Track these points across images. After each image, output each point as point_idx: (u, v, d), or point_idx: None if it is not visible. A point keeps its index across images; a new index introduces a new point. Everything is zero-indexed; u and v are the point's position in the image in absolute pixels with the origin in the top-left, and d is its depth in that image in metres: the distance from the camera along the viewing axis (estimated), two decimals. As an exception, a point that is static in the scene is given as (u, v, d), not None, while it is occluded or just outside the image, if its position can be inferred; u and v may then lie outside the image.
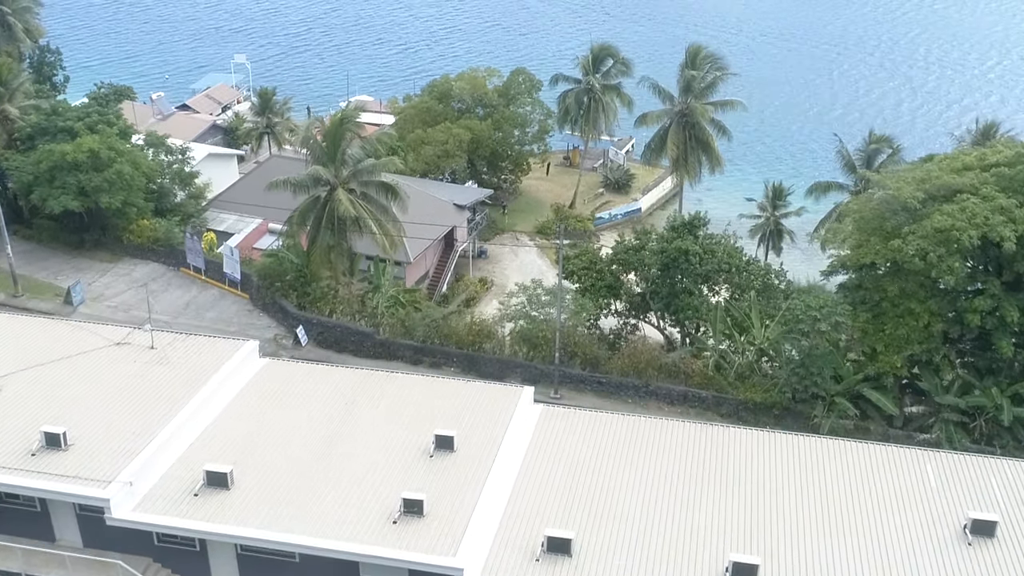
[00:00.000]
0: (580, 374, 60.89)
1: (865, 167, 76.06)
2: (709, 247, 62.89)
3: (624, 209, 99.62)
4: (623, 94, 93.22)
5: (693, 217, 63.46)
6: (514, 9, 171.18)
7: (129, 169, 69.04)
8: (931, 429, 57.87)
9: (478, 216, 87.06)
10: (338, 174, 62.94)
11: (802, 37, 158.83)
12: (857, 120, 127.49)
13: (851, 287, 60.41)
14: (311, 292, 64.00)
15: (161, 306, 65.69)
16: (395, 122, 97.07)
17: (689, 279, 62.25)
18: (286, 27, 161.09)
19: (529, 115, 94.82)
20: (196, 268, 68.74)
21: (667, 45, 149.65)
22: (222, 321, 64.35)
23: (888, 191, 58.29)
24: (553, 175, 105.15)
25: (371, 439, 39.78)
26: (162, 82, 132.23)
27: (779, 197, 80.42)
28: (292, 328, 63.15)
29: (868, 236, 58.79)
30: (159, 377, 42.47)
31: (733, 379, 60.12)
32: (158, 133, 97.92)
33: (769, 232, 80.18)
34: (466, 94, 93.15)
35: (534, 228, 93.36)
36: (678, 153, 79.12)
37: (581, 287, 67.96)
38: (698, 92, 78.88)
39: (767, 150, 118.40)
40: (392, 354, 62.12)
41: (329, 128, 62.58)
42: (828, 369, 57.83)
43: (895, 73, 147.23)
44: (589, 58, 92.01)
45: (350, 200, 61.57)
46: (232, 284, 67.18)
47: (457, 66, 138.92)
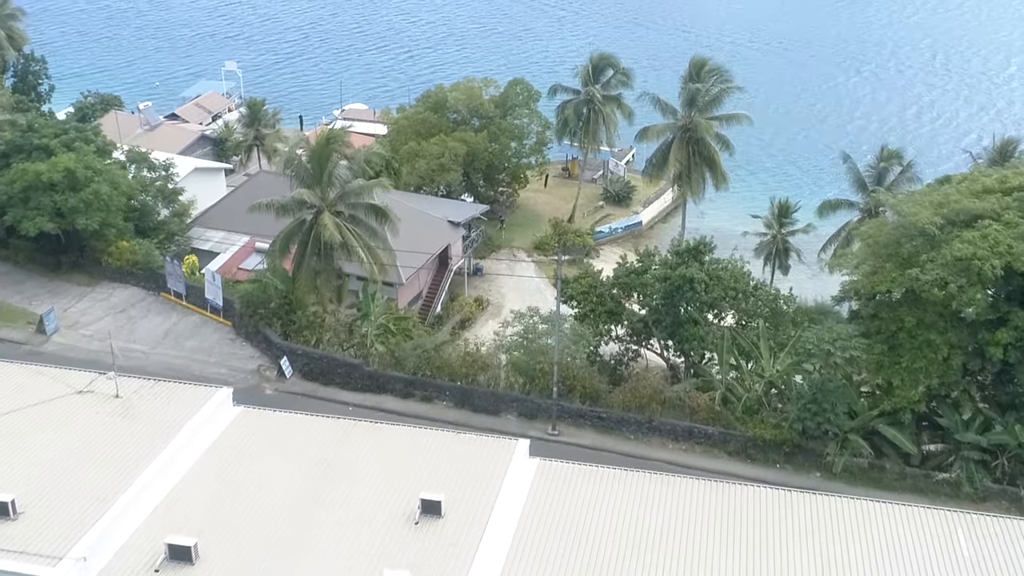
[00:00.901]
0: (579, 408, 57.22)
1: (876, 184, 72.35)
2: (715, 273, 59.19)
3: (624, 223, 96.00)
4: (624, 105, 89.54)
5: (698, 242, 59.75)
6: (516, 14, 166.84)
7: (107, 189, 65.27)
8: (950, 468, 54.30)
9: (474, 233, 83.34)
10: (324, 196, 59.28)
11: (809, 43, 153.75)
12: (867, 131, 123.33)
13: (865, 316, 56.79)
14: (296, 320, 60.31)
15: (140, 334, 62.06)
16: (388, 133, 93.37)
17: (694, 307, 58.60)
18: (283, 33, 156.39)
19: (527, 126, 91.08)
20: (177, 293, 65.06)
21: (670, 52, 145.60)
22: (202, 351, 60.67)
23: (904, 215, 54.76)
24: (552, 187, 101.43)
25: (352, 503, 36.07)
26: (152, 89, 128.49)
27: (785, 214, 76.74)
28: (276, 359, 59.48)
29: (883, 262, 55.14)
30: (123, 431, 38.77)
31: (741, 414, 56.45)
32: (144, 145, 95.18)
33: (775, 250, 76.48)
34: (461, 105, 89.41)
35: (532, 244, 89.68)
36: (681, 169, 75.36)
37: (580, 312, 64.43)
38: (702, 106, 75.11)
39: (773, 163, 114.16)
40: (381, 387, 58.46)
41: (315, 148, 58.88)
42: (841, 404, 54.21)
43: (906, 80, 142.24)
44: (589, 68, 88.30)
45: (336, 224, 57.90)
46: (214, 311, 63.50)
47: (457, 72, 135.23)
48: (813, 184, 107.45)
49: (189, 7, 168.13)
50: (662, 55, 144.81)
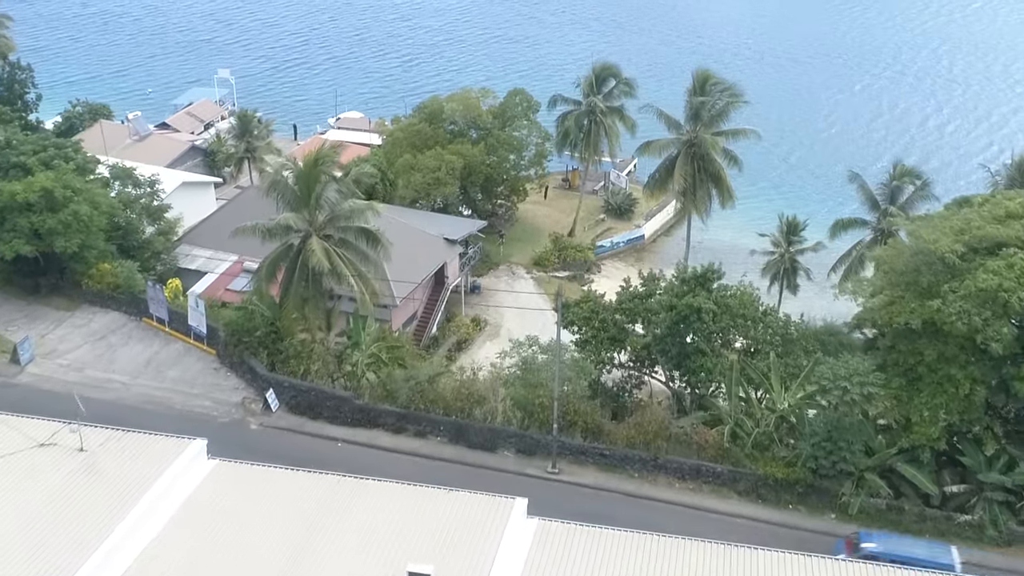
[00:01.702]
0: (581, 445, 53.86)
1: (889, 203, 69.02)
2: (723, 301, 55.84)
3: (626, 236, 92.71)
4: (626, 116, 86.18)
5: (706, 270, 56.32)
6: (517, 21, 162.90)
7: (87, 209, 61.89)
8: (973, 509, 51.02)
9: (471, 250, 79.95)
10: (312, 220, 55.90)
11: (818, 49, 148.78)
12: (879, 141, 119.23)
13: (882, 348, 53.47)
14: (283, 350, 56.95)
15: (120, 363, 58.72)
16: (384, 144, 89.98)
17: (701, 337, 55.24)
18: (283, 38, 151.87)
19: (526, 138, 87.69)
20: (159, 319, 61.72)
21: (674, 60, 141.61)
22: (184, 382, 57.32)
23: (922, 241, 51.41)
24: (552, 199, 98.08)
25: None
26: (144, 97, 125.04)
27: (794, 232, 73.37)
28: (262, 390, 56.14)
29: (901, 292, 51.86)
30: (87, 491, 35.38)
31: (751, 450, 53.10)
32: (132, 156, 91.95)
33: (784, 270, 73.14)
34: (458, 116, 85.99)
35: (531, 260, 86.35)
36: (686, 186, 71.90)
37: (582, 338, 61.18)
38: (707, 120, 71.63)
39: (778, 173, 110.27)
40: (372, 421, 55.13)
41: (302, 169, 55.47)
42: (858, 442, 50.92)
43: (920, 87, 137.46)
44: (590, 78, 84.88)
45: (325, 249, 54.53)
46: (198, 338, 60.16)
47: (457, 79, 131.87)
48: (822, 196, 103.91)
49: (186, 12, 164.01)
50: (665, 63, 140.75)
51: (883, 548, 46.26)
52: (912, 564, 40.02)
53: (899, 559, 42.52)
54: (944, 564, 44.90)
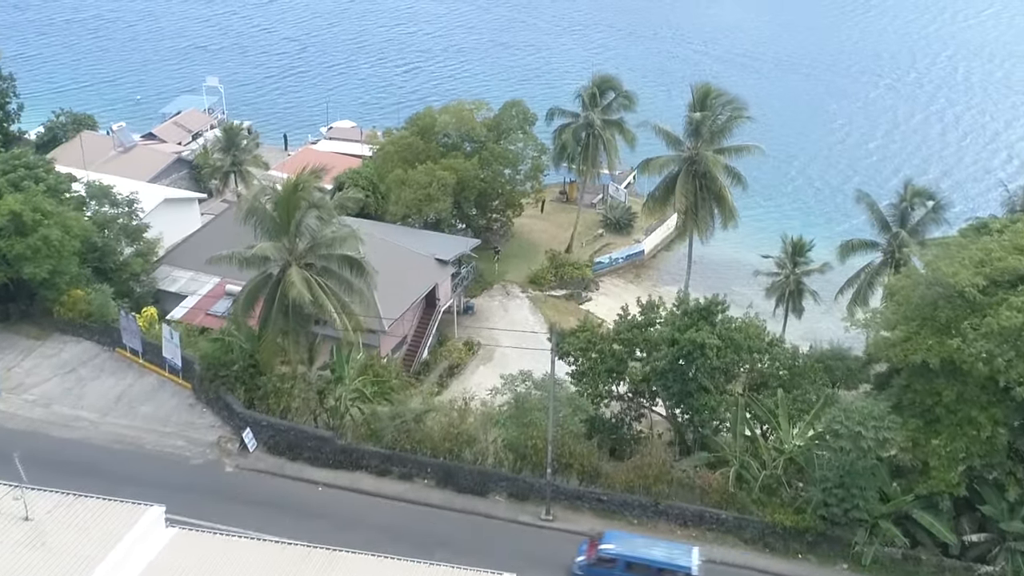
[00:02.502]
0: (577, 489, 50.18)
1: (900, 225, 65.38)
2: (728, 335, 52.18)
3: (626, 252, 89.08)
4: (626, 130, 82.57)
5: (709, 302, 52.61)
6: (517, 27, 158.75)
7: (58, 234, 58.20)
8: (995, 560, 47.40)
9: (464, 269, 76.31)
10: (292, 248, 52.20)
11: (822, 56, 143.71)
12: (887, 151, 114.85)
13: (897, 387, 49.82)
14: (262, 386, 53.27)
15: (89, 398, 55.05)
16: (374, 157, 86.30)
17: (704, 374, 51.57)
18: (279, 44, 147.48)
19: (522, 151, 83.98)
20: (133, 350, 58.06)
21: (675, 68, 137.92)
22: (157, 419, 53.65)
23: (939, 272, 47.80)
24: (549, 212, 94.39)
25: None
26: (133, 106, 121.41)
27: (799, 252, 69.65)
28: (239, 429, 52.48)
29: (917, 327, 48.25)
30: (32, 568, 31.74)
31: (758, 494, 49.47)
32: (116, 169, 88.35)
33: (788, 292, 69.48)
34: (451, 128, 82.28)
35: (527, 278, 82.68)
36: (687, 205, 68.13)
37: (578, 369, 57.60)
38: (709, 137, 67.84)
39: (781, 183, 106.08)
40: (355, 462, 51.43)
41: (281, 196, 51.72)
42: (871, 488, 47.33)
43: (927, 95, 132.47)
44: (589, 90, 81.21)
45: (306, 280, 50.78)
46: (172, 371, 56.50)
47: (454, 87, 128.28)
48: (830, 211, 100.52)
49: (181, 17, 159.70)
50: (668, 70, 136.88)
51: (620, 550, 44.70)
52: (650, 566, 42.52)
53: (636, 561, 43.51)
54: (681, 566, 44.00)
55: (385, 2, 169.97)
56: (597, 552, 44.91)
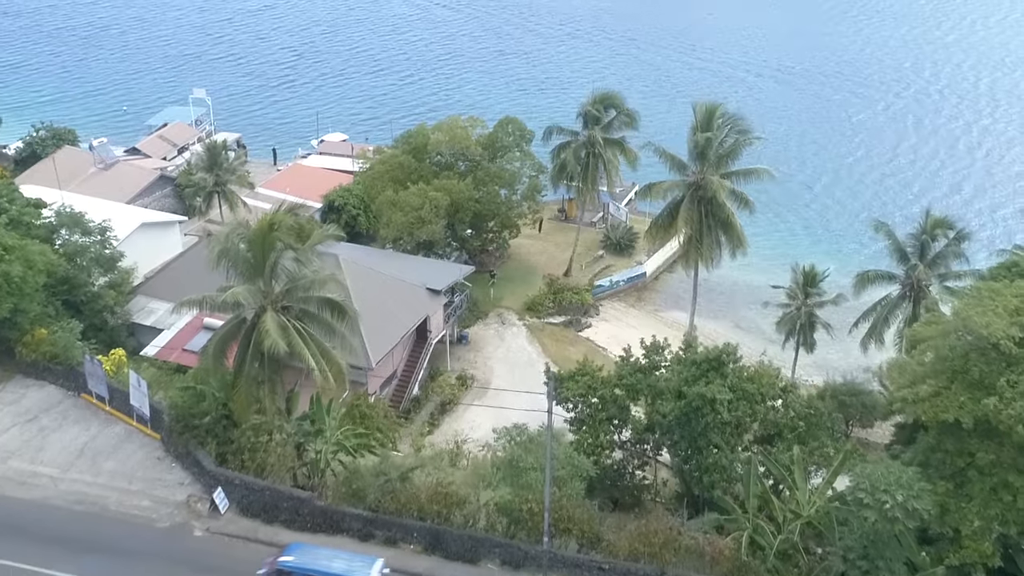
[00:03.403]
0: (575, 557, 45.44)
1: (919, 256, 60.84)
2: (739, 386, 47.63)
3: (627, 274, 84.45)
4: (627, 149, 77.93)
5: (720, 351, 47.94)
6: (518, 35, 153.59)
7: (20, 270, 53.55)
8: (1032, 637, 42.98)
9: (457, 298, 71.72)
10: (268, 291, 47.59)
11: (838, 68, 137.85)
12: (905, 169, 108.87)
13: (924, 446, 45.27)
14: (235, 440, 48.64)
15: (50, 451, 50.36)
16: (363, 179, 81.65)
17: (715, 430, 47.02)
18: (274, 54, 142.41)
19: (518, 170, 79.33)
20: (100, 396, 53.47)
21: (681, 78, 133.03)
22: (123, 475, 49.00)
23: (970, 321, 43.25)
24: (547, 231, 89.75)
25: None
26: (120, 116, 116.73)
27: (811, 283, 65.07)
28: (210, 487, 47.88)
29: (947, 382, 43.70)
30: None
31: (772, 562, 44.89)
32: (96, 187, 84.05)
33: (800, 325, 64.94)
34: (444, 148, 77.62)
35: (524, 304, 78.08)
36: (692, 233, 63.49)
37: (577, 416, 53.16)
38: (715, 160, 63.12)
39: (795, 207, 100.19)
40: (336, 525, 46.74)
41: (255, 235, 47.06)
42: (898, 560, 42.78)
43: (949, 107, 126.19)
44: (590, 108, 76.58)
45: (282, 326, 46.17)
46: (141, 420, 51.90)
47: (453, 98, 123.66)
48: (842, 230, 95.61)
49: (174, 25, 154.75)
50: (674, 81, 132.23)
51: (299, 562, 41.40)
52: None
53: (313, 573, 40.97)
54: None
55: (384, 9, 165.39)
56: (276, 565, 41.46)
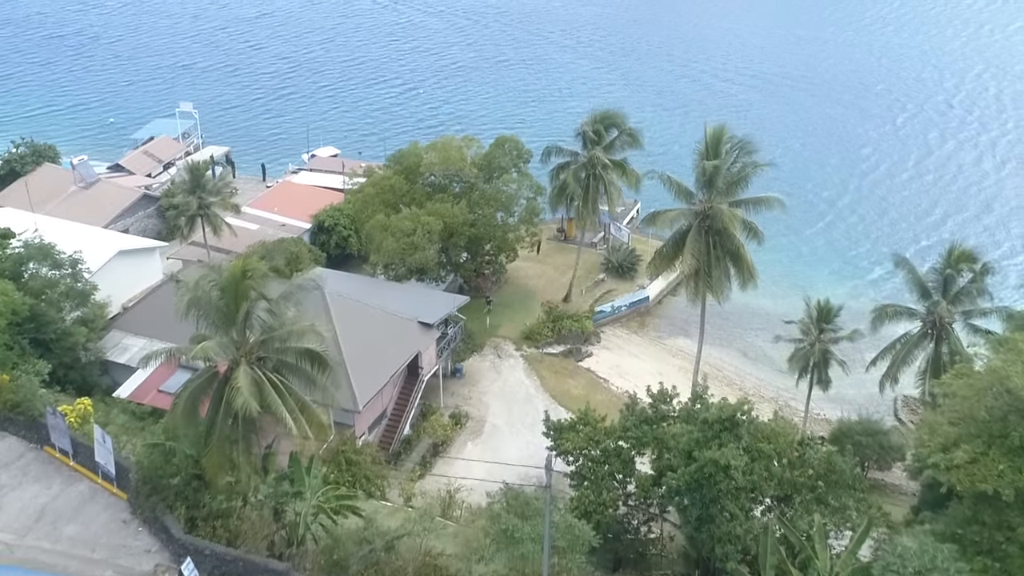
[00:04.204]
0: (576, 636, 41.31)
1: (942, 294, 56.44)
2: (755, 446, 43.26)
3: (629, 299, 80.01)
4: (630, 171, 73.41)
5: (735, 408, 43.42)
6: (519, 44, 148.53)
7: (-23, 311, 49.36)
8: None
9: (451, 330, 67.28)
10: (241, 343, 43.19)
11: (845, 79, 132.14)
12: (926, 188, 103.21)
13: (959, 517, 40.94)
14: (206, 504, 44.21)
15: (7, 513, 45.75)
16: (353, 199, 77.19)
17: (728, 497, 42.60)
18: (271, 63, 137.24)
19: (515, 192, 74.83)
20: (63, 450, 49.01)
21: (689, 90, 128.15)
22: (85, 543, 44.47)
23: (1008, 380, 38.97)
24: (546, 253, 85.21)
25: None
26: (106, 128, 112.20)
27: (826, 319, 60.63)
28: (179, 556, 43.43)
29: (985, 447, 39.45)
30: None
31: (792, 642, 40.64)
32: (76, 207, 79.85)
33: (814, 363, 60.53)
34: (437, 169, 73.14)
35: (521, 333, 73.65)
36: (699, 265, 58.97)
37: (577, 470, 48.86)
38: (723, 188, 58.54)
39: (810, 227, 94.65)
40: (315, 600, 42.53)
41: (227, 283, 42.59)
42: (930, 644, 38.42)
43: (958, 118, 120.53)
44: (590, 128, 72.10)
45: (255, 383, 41.74)
46: (106, 478, 47.44)
47: (449, 110, 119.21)
48: (853, 249, 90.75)
49: (168, 34, 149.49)
50: (679, 94, 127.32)
51: None
52: None
53: None
54: None
55: (382, 16, 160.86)
56: None
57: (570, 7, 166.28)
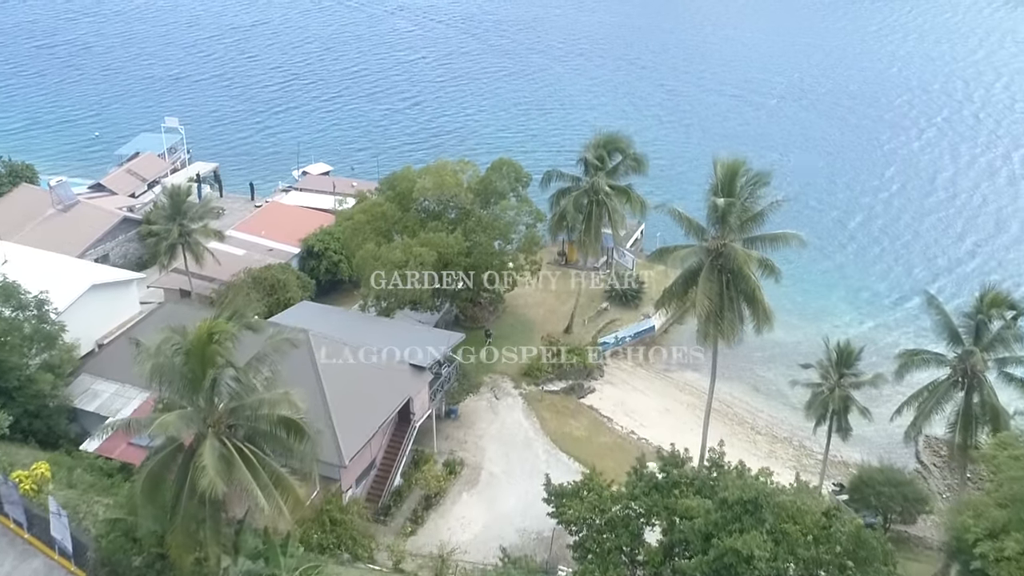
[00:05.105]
0: None
1: (974, 339, 51.55)
2: (779, 527, 38.41)
3: (634, 329, 75.17)
4: (634, 198, 68.47)
5: (758, 492, 38.46)
6: (521, 54, 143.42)
7: (-73, 366, 44.55)
8: None
9: (445, 370, 62.39)
10: (209, 411, 38.39)
11: (861, 93, 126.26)
12: (947, 208, 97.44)
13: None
14: (170, 588, 39.49)
15: (-47, 596, 41.29)
16: (343, 225, 72.19)
17: (751, 587, 37.76)
18: (267, 74, 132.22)
19: (514, 219, 69.85)
20: (17, 521, 44.22)
21: (697, 103, 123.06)
22: (37, 630, 39.95)
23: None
24: (546, 279, 79.71)
25: None
26: (91, 142, 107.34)
27: (846, 363, 55.68)
28: (141, 651, 38.74)
29: (1040, 535, 34.62)
30: None
31: None
32: (53, 232, 75.26)
33: (833, 411, 55.62)
34: (431, 196, 68.17)
35: (520, 369, 68.79)
36: (711, 307, 53.93)
37: (580, 541, 44.07)
38: (738, 225, 53.41)
39: (826, 250, 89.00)
40: None
41: (192, 347, 37.73)
42: None
43: (979, 132, 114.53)
44: (589, 156, 67.20)
45: (223, 459, 37.00)
46: (63, 554, 42.66)
47: (447, 124, 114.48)
48: (876, 280, 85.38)
49: (163, 43, 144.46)
50: (687, 107, 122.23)
51: None
52: None
53: None
54: None
55: (382, 24, 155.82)
56: None
57: (571, 16, 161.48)
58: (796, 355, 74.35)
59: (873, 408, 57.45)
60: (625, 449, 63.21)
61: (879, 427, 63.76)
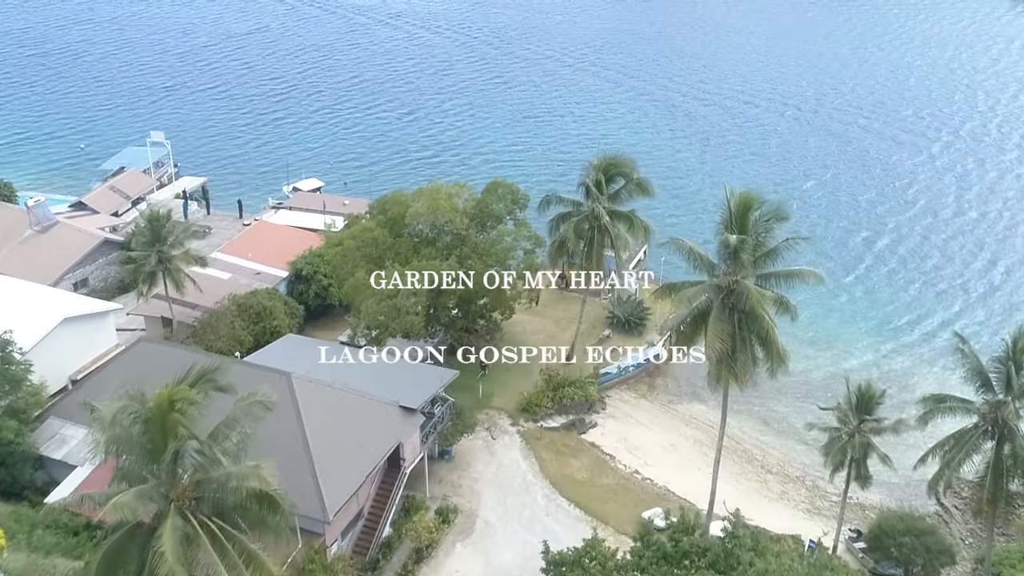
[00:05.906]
0: None
1: (1005, 386, 47.34)
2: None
3: (637, 359, 70.85)
4: (637, 223, 64.21)
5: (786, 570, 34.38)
6: (523, 63, 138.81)
7: None
8: None
9: (439, 410, 58.16)
10: (171, 484, 34.28)
11: (871, 106, 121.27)
12: (971, 233, 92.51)
13: None
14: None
15: None
16: (332, 251, 67.91)
17: None
18: (264, 84, 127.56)
19: (511, 244, 65.66)
20: (-31, 591, 40.21)
21: (706, 117, 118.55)
22: None
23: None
24: (545, 304, 75.89)
25: None
26: (77, 155, 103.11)
27: (867, 408, 51.45)
28: None
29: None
30: None
31: None
32: (29, 254, 71.14)
33: (852, 459, 51.40)
34: (423, 221, 63.97)
35: (518, 404, 64.62)
36: (723, 349, 49.64)
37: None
38: (751, 262, 49.10)
39: (835, 282, 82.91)
40: None
41: (152, 416, 33.61)
42: None
43: (1003, 147, 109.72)
44: (589, 182, 62.96)
45: (185, 540, 33.04)
46: (18, 631, 38.69)
47: (446, 139, 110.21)
48: (895, 307, 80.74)
49: (159, 51, 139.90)
50: (692, 123, 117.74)
51: None
52: None
53: None
54: None
55: (381, 31, 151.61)
56: None
57: (573, 23, 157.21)
58: (808, 386, 70.73)
59: (893, 452, 53.24)
60: (629, 490, 59.25)
61: (901, 472, 59.65)
